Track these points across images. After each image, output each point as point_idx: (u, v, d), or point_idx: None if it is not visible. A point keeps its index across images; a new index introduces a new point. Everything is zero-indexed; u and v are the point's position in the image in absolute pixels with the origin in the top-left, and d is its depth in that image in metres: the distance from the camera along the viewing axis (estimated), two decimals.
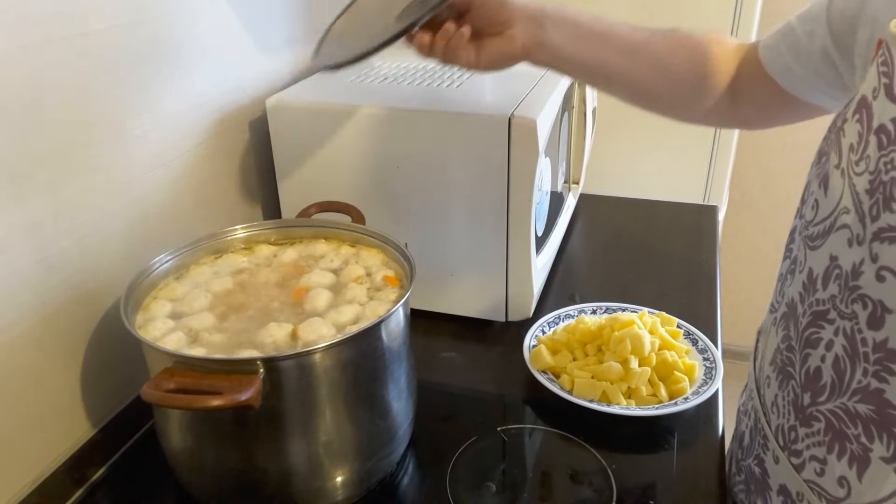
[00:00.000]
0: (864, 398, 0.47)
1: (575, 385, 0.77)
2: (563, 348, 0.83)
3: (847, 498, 0.48)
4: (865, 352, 0.46)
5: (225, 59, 0.87)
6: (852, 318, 0.47)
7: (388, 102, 0.86)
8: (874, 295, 0.45)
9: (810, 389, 0.52)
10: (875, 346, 0.46)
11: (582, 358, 0.81)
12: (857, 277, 0.47)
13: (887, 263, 0.44)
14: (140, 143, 0.74)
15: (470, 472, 0.69)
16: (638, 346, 0.78)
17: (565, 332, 0.85)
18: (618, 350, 0.78)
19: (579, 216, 1.21)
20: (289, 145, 0.90)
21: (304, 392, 0.58)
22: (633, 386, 0.76)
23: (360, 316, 0.65)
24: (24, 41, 0.59)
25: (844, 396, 0.49)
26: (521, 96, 0.84)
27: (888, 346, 0.44)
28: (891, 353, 0.44)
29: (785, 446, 0.55)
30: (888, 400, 0.45)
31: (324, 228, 0.77)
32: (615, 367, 0.77)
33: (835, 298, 0.49)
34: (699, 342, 0.84)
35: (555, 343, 0.83)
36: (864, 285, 0.46)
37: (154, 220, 0.78)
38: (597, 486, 0.68)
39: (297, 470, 0.61)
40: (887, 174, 0.44)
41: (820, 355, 0.51)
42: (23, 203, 0.61)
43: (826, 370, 0.50)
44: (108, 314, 0.72)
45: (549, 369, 0.80)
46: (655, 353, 0.79)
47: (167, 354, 0.56)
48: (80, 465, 0.70)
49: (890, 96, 0.44)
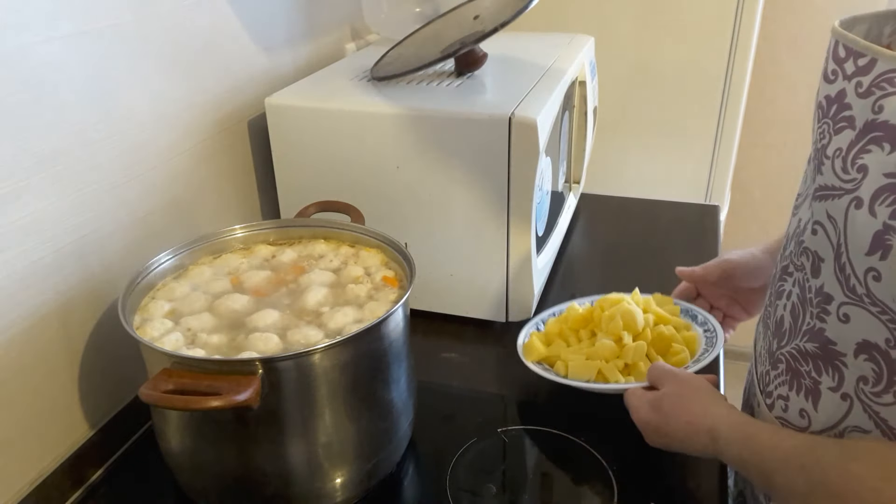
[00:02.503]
0: (811, 338, 0.54)
1: (569, 368, 0.75)
2: (557, 338, 0.81)
3: (809, 427, 0.55)
4: (810, 297, 0.54)
5: (224, 58, 0.86)
6: (802, 269, 0.55)
7: (388, 102, 0.86)
8: (811, 247, 0.54)
9: (777, 336, 0.59)
10: (816, 291, 0.53)
11: (576, 344, 0.80)
12: (804, 234, 0.55)
13: (818, 218, 0.52)
14: (139, 143, 0.74)
15: (470, 474, 0.69)
16: (630, 322, 0.76)
17: (557, 323, 0.84)
18: (610, 328, 0.77)
19: (580, 216, 1.21)
20: (288, 145, 0.90)
21: (303, 393, 0.58)
22: (629, 361, 0.74)
23: (360, 316, 0.64)
24: (24, 41, 0.59)
25: (797, 338, 0.56)
26: (521, 96, 0.84)
27: (824, 290, 0.52)
28: (826, 296, 0.52)
29: (763, 390, 0.62)
30: (828, 337, 0.52)
31: (323, 228, 0.77)
32: (608, 344, 0.75)
33: (792, 254, 0.58)
34: (699, 316, 0.81)
35: (548, 335, 0.82)
36: (806, 239, 0.55)
37: (152, 220, 0.77)
38: (598, 487, 0.67)
39: (297, 471, 0.61)
40: (820, 142, 0.53)
41: (783, 304, 0.59)
42: (22, 203, 0.61)
43: (787, 317, 0.58)
44: (106, 314, 0.71)
45: (543, 360, 0.79)
46: (650, 328, 0.78)
47: (165, 355, 0.55)
48: (78, 466, 0.69)
49: (825, 77, 0.52)
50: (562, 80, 0.92)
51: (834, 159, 0.50)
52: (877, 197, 0.46)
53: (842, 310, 0.50)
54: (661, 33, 1.42)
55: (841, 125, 0.50)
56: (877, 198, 0.46)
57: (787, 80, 1.79)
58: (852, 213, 0.48)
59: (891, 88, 0.46)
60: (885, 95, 0.46)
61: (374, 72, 0.95)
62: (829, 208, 0.51)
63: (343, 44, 1.17)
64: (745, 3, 1.36)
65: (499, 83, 0.94)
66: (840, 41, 0.50)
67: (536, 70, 0.95)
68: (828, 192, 0.51)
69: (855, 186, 0.48)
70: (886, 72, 0.46)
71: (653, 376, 0.68)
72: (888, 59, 0.46)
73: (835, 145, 0.50)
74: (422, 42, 0.98)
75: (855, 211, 0.47)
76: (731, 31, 1.39)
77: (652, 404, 0.65)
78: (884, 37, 0.55)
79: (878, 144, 0.46)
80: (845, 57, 0.50)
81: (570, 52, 1.05)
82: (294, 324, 0.64)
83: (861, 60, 0.48)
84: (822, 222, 0.52)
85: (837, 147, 0.50)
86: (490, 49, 0.95)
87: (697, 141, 1.49)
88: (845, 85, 0.50)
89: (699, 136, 1.49)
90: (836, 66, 0.51)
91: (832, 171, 0.50)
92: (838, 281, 0.50)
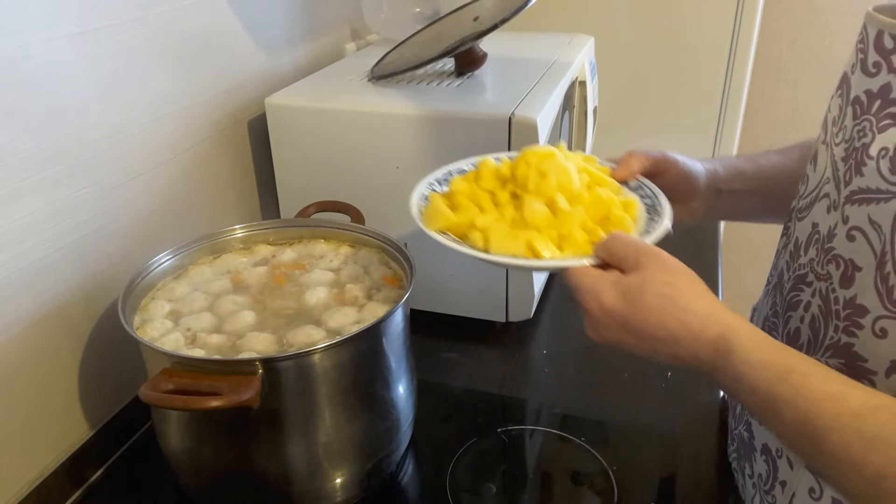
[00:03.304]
0: (835, 353, 0.49)
1: (490, 240, 0.58)
2: (466, 201, 0.62)
3: None
4: (837, 309, 0.49)
5: (224, 58, 0.86)
6: (827, 278, 0.50)
7: (388, 102, 0.86)
8: (845, 254, 0.49)
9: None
10: (846, 303, 0.48)
11: (492, 210, 0.62)
12: (832, 240, 0.50)
13: (857, 223, 0.47)
14: (139, 143, 0.74)
15: (470, 474, 0.69)
16: (565, 182, 0.60)
17: (465, 182, 0.64)
18: (541, 188, 0.60)
19: None
20: (288, 145, 0.90)
21: (303, 393, 0.58)
22: (564, 232, 0.58)
23: (360, 316, 0.64)
24: (24, 41, 0.59)
25: (819, 353, 0.51)
26: (521, 96, 0.84)
27: (857, 301, 0.47)
28: (859, 308, 0.47)
29: None
30: (857, 353, 0.47)
31: (323, 228, 0.77)
32: (539, 209, 0.58)
33: (813, 262, 0.52)
34: (631, 182, 0.67)
35: (453, 197, 0.63)
36: (837, 246, 0.50)
37: (152, 220, 0.77)
38: (598, 487, 0.67)
39: (297, 471, 0.61)
40: (859, 141, 0.48)
41: (799, 317, 0.54)
42: (21, 203, 0.61)
43: (804, 330, 0.53)
44: (106, 314, 0.71)
45: (450, 229, 0.61)
46: (586, 190, 0.62)
47: (165, 355, 0.55)
48: (78, 466, 0.69)
49: (864, 70, 0.49)
50: (562, 80, 0.92)
51: (879, 160, 0.46)
52: None
53: (879, 324, 0.46)
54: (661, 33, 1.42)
55: (886, 122, 0.46)
56: None
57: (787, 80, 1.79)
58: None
59: None
60: None
61: (373, 72, 0.96)
62: (872, 213, 0.46)
63: (343, 44, 1.16)
64: (745, 3, 1.36)
65: (499, 83, 0.94)
66: (886, 30, 0.46)
67: (536, 70, 0.95)
68: (871, 196, 0.46)
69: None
70: None
71: (618, 253, 0.53)
72: None
73: (879, 144, 0.46)
74: (422, 43, 0.98)
75: None
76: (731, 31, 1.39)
77: (621, 289, 0.50)
78: None
79: None
80: (893, 48, 0.46)
81: (570, 52, 1.05)
82: (294, 324, 0.64)
83: None
84: (863, 228, 0.47)
85: (883, 146, 0.46)
86: (490, 49, 0.95)
87: (697, 141, 1.49)
88: (891, 79, 0.46)
89: (699, 136, 1.49)
90: (879, 57, 0.47)
91: (877, 173, 0.46)
92: (878, 292, 0.46)
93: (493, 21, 0.83)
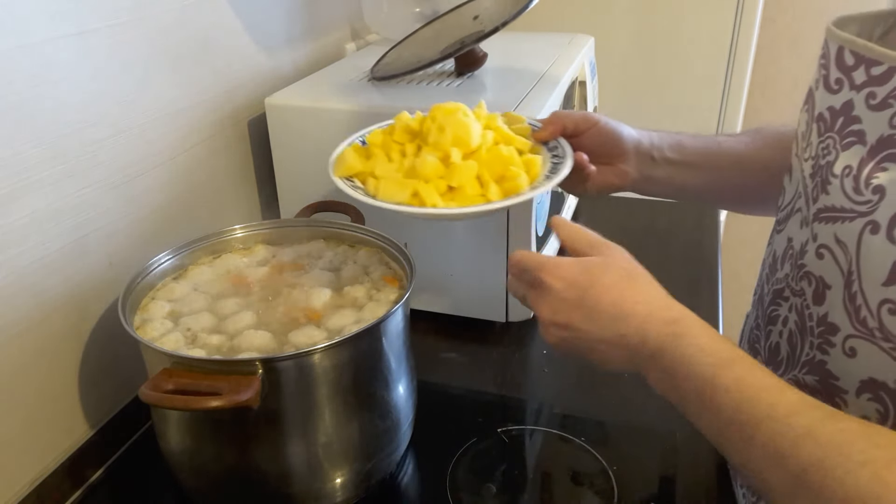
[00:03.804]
0: (810, 370, 0.49)
1: (380, 187, 0.63)
2: (379, 150, 0.67)
3: None
4: (811, 326, 0.49)
5: (224, 57, 0.86)
6: (801, 294, 0.50)
7: (388, 102, 0.86)
8: (816, 272, 0.49)
9: (772, 363, 0.55)
10: (818, 320, 0.48)
11: (398, 160, 0.66)
12: (803, 256, 0.50)
13: (825, 241, 0.47)
14: (138, 143, 0.74)
15: (470, 474, 0.69)
16: (462, 136, 0.64)
17: (382, 134, 0.69)
18: (438, 142, 0.64)
19: (580, 216, 1.21)
20: (288, 144, 0.90)
21: (303, 393, 0.58)
22: (454, 184, 0.62)
23: (360, 316, 0.64)
24: (24, 41, 0.59)
25: (796, 369, 0.51)
26: (521, 96, 0.84)
27: (828, 319, 0.47)
28: (831, 326, 0.47)
29: None
30: (829, 371, 0.47)
31: (323, 228, 0.77)
32: (430, 161, 0.63)
33: (788, 277, 0.53)
34: (550, 141, 0.69)
35: (371, 147, 0.69)
36: (808, 263, 0.49)
37: (152, 220, 0.77)
38: (598, 487, 0.67)
39: (297, 471, 0.61)
40: (824, 159, 0.48)
41: (778, 331, 0.54)
42: (21, 203, 0.61)
43: (783, 345, 0.53)
44: (106, 314, 0.71)
45: (356, 175, 0.66)
46: (488, 147, 0.65)
47: (165, 355, 0.55)
48: (78, 466, 0.69)
49: (827, 87, 0.48)
50: (562, 80, 0.92)
51: (843, 178, 0.45)
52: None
53: (848, 343, 0.46)
54: (661, 33, 1.42)
55: (849, 140, 0.45)
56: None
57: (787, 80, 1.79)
58: (867, 239, 0.43)
59: None
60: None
61: (374, 72, 0.96)
62: (838, 232, 0.46)
63: (343, 44, 1.16)
64: (745, 3, 1.36)
65: (499, 83, 0.94)
66: (847, 47, 0.46)
67: (536, 70, 0.95)
68: (836, 214, 0.46)
69: (870, 209, 0.43)
70: None
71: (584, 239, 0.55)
72: None
73: (843, 162, 0.45)
74: (422, 42, 0.98)
75: (871, 236, 0.43)
76: (731, 31, 1.39)
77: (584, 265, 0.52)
78: (874, 38, 0.51)
79: (895, 162, 0.42)
80: (854, 65, 0.45)
81: (570, 52, 1.05)
82: (294, 324, 0.64)
83: (876, 69, 0.43)
84: (830, 246, 0.47)
85: (846, 165, 0.45)
86: (490, 49, 0.95)
87: None
88: (853, 96, 0.45)
89: None
90: (841, 74, 0.46)
91: (841, 192, 0.45)
92: (847, 311, 0.46)
93: (494, 23, 0.83)
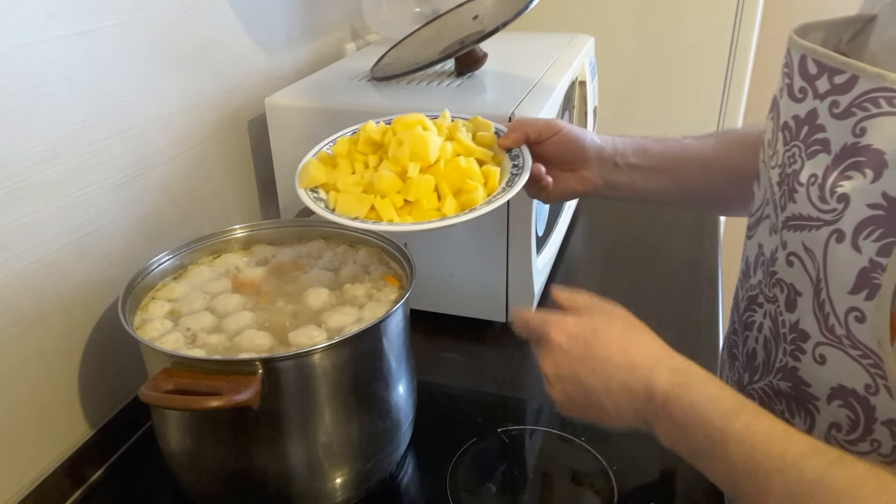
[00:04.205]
0: (784, 376, 0.50)
1: (339, 202, 0.63)
2: (344, 160, 0.67)
3: None
4: (784, 332, 0.49)
5: (224, 58, 0.86)
6: (774, 301, 0.51)
7: (388, 102, 0.86)
8: (788, 279, 0.49)
9: (749, 369, 0.55)
10: (791, 326, 0.49)
11: (361, 171, 0.67)
12: (774, 263, 0.50)
13: (794, 249, 0.47)
14: (139, 143, 0.74)
15: (470, 474, 0.69)
16: (420, 150, 0.64)
17: (348, 143, 0.69)
18: (396, 156, 0.64)
19: (580, 216, 1.21)
20: (288, 144, 0.90)
21: (303, 393, 0.58)
22: (411, 199, 0.63)
23: (360, 316, 0.64)
24: (24, 41, 0.59)
25: (770, 375, 0.52)
26: (521, 96, 0.84)
27: (800, 326, 0.47)
28: (802, 333, 0.47)
29: None
30: (801, 377, 0.48)
31: (323, 228, 0.77)
32: (387, 176, 0.63)
33: (761, 284, 0.53)
34: (513, 150, 0.69)
35: (336, 157, 0.69)
36: (779, 270, 0.50)
37: (152, 220, 0.77)
38: (598, 487, 0.67)
39: (297, 471, 0.61)
40: (790, 167, 0.48)
41: (755, 337, 0.54)
42: (21, 203, 0.61)
43: (759, 351, 0.53)
44: (106, 314, 0.71)
45: (321, 187, 0.66)
46: (446, 160, 0.65)
47: (165, 355, 0.55)
48: (78, 466, 0.69)
49: (791, 96, 0.48)
50: (562, 80, 0.92)
51: (809, 187, 0.45)
52: (861, 230, 0.41)
53: (818, 350, 0.46)
54: (661, 33, 1.42)
55: (814, 149, 0.45)
56: (860, 231, 0.41)
57: None
58: (833, 248, 0.43)
59: (875, 109, 0.41)
60: (868, 117, 0.41)
61: (373, 72, 0.96)
62: (805, 240, 0.46)
63: (343, 44, 1.17)
64: (744, 4, 1.36)
65: (499, 83, 0.94)
66: (809, 56, 0.46)
67: (536, 70, 0.95)
68: (803, 223, 0.46)
69: (835, 218, 0.43)
70: (869, 91, 0.41)
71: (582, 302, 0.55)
72: (871, 77, 0.41)
73: (809, 171, 0.45)
74: (422, 42, 0.98)
75: (836, 245, 0.43)
76: (731, 31, 1.39)
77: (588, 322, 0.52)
78: (842, 44, 0.51)
79: (859, 171, 0.41)
80: (817, 74, 0.45)
81: (570, 52, 1.05)
82: (294, 324, 0.64)
83: (838, 78, 0.43)
84: (799, 254, 0.47)
85: (812, 173, 0.45)
86: (490, 49, 0.95)
87: None
88: (816, 104, 0.45)
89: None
90: (804, 83, 0.46)
91: (807, 200, 0.45)
92: (816, 319, 0.46)
93: (493, 24, 0.83)
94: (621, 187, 0.71)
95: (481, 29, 0.87)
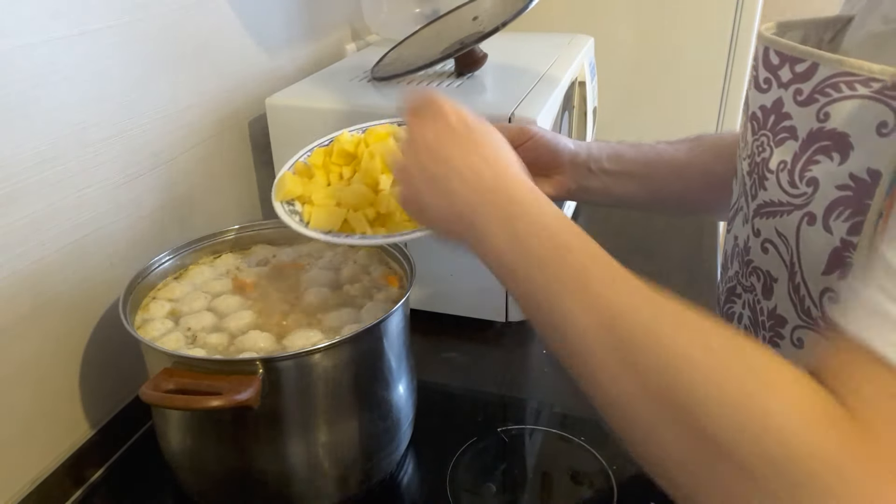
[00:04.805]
0: None
1: (313, 215, 0.63)
2: (319, 171, 0.67)
3: None
4: (762, 320, 0.51)
5: (224, 58, 0.87)
6: (751, 290, 0.52)
7: (389, 102, 0.86)
8: (763, 266, 0.50)
9: None
10: (768, 313, 0.50)
11: (336, 183, 0.66)
12: (749, 252, 0.51)
13: (767, 236, 0.49)
14: (139, 143, 0.74)
15: (470, 473, 0.69)
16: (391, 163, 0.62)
17: (323, 154, 0.69)
18: (367, 169, 0.64)
19: (580, 216, 1.21)
20: (288, 145, 0.90)
21: (303, 393, 0.58)
22: (383, 211, 0.62)
23: (360, 316, 0.64)
24: (24, 41, 0.59)
25: None
26: (521, 96, 0.84)
27: (777, 312, 0.49)
28: (779, 318, 0.48)
29: None
30: None
31: None
32: (359, 189, 0.63)
33: (738, 274, 0.54)
34: None
35: (313, 168, 0.68)
36: (754, 258, 0.51)
37: (152, 220, 0.77)
38: (597, 486, 0.67)
39: (297, 470, 0.61)
40: (759, 156, 0.49)
41: (735, 327, 0.55)
42: (21, 203, 0.61)
43: None
44: (107, 314, 0.71)
45: (298, 199, 0.65)
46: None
47: (166, 355, 0.55)
48: (78, 466, 0.69)
49: (757, 87, 0.49)
50: (562, 80, 0.93)
51: (779, 173, 0.47)
52: (831, 211, 0.43)
53: (796, 334, 0.47)
54: (661, 34, 1.42)
55: (782, 136, 0.47)
56: (831, 212, 0.43)
57: None
58: (805, 230, 0.45)
59: (836, 94, 0.42)
60: (830, 102, 0.42)
61: (374, 72, 0.96)
62: (777, 226, 0.47)
63: (343, 44, 1.17)
64: (744, 4, 1.36)
65: (499, 83, 0.94)
66: (771, 47, 0.47)
67: (536, 70, 0.95)
68: (775, 209, 0.47)
69: (805, 201, 0.44)
70: (830, 76, 0.42)
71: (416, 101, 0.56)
72: (831, 63, 0.42)
73: (778, 158, 0.47)
74: (422, 43, 0.98)
75: (808, 227, 0.44)
76: (731, 31, 1.39)
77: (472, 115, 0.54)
78: (824, 44, 0.52)
79: (826, 154, 0.43)
80: (779, 64, 0.47)
81: (570, 53, 1.05)
82: (294, 324, 0.64)
83: (799, 66, 0.45)
84: (773, 240, 0.48)
85: (781, 160, 0.46)
86: (490, 49, 0.95)
87: None
88: (781, 93, 0.46)
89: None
90: (768, 73, 0.48)
91: (778, 186, 0.47)
92: (792, 303, 0.47)
93: (493, 24, 0.83)
94: (595, 192, 0.72)
95: (481, 29, 0.87)
